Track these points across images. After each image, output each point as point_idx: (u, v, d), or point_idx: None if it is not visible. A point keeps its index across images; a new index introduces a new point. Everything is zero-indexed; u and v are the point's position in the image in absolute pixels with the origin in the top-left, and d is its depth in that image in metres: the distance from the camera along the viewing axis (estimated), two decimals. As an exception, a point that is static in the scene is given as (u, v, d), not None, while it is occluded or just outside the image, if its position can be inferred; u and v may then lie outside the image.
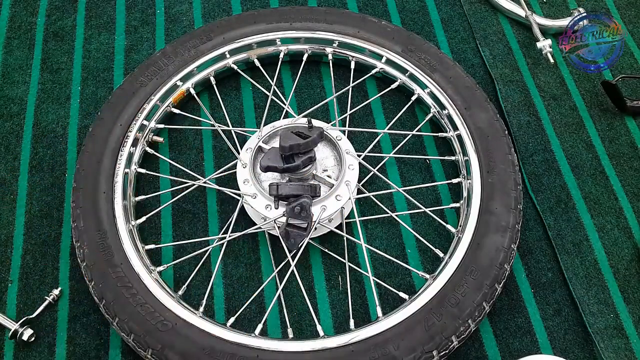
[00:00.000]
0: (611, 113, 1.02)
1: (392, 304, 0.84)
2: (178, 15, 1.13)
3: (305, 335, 0.82)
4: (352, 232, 0.89)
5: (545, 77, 1.06)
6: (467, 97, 0.94)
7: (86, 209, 0.85)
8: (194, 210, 0.93)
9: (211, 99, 1.03)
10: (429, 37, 1.09)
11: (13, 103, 1.03)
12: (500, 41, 1.09)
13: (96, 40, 1.10)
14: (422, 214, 0.91)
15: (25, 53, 1.09)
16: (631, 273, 0.88)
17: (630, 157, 0.98)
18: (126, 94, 0.94)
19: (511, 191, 0.86)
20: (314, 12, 1.03)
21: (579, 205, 0.93)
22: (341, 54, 1.02)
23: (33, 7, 1.15)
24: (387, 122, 1.00)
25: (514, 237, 0.83)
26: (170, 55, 0.98)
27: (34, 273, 0.88)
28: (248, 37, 1.00)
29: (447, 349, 0.76)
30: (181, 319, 0.77)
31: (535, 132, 1.00)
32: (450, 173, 0.95)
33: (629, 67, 1.07)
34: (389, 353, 0.74)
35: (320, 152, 0.90)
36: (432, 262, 0.88)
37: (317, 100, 1.02)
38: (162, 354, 0.75)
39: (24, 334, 0.81)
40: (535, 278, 0.87)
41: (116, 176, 0.87)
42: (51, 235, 0.91)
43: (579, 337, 0.83)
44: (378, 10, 1.13)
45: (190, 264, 0.86)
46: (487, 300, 0.79)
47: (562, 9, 1.14)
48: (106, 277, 0.80)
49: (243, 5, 1.14)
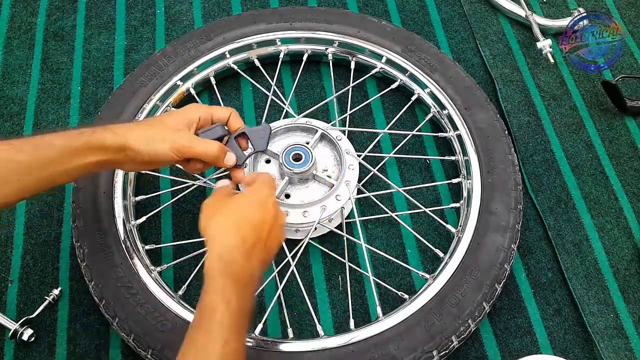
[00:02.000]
0: (611, 113, 1.02)
1: (392, 304, 0.84)
2: (178, 15, 1.13)
3: (305, 335, 0.82)
4: (352, 232, 0.89)
5: (545, 77, 1.06)
6: (467, 97, 0.94)
7: (86, 209, 0.85)
8: (194, 210, 0.93)
9: (211, 99, 1.03)
10: (429, 37, 1.09)
11: (13, 103, 1.03)
12: (500, 41, 1.09)
13: (96, 40, 1.10)
14: (422, 214, 0.91)
15: (25, 53, 1.09)
16: (631, 273, 0.88)
17: (630, 157, 0.98)
18: (126, 94, 0.94)
19: (511, 191, 0.86)
20: (314, 12, 1.03)
21: (579, 205, 0.93)
22: (341, 54, 1.02)
23: (33, 7, 1.15)
24: (387, 122, 1.00)
25: (514, 237, 0.83)
26: (170, 55, 0.98)
27: (34, 273, 0.88)
28: (248, 37, 1.00)
29: (447, 349, 0.76)
30: (181, 319, 0.77)
31: (535, 132, 1.00)
32: (450, 173, 0.95)
33: (629, 67, 1.07)
34: (389, 353, 0.74)
35: (320, 152, 0.90)
36: (432, 262, 0.88)
37: (317, 100, 1.02)
38: (162, 354, 0.75)
39: (24, 334, 0.81)
40: (535, 278, 0.87)
41: (116, 176, 0.87)
42: (51, 235, 0.91)
43: (579, 337, 0.83)
44: (378, 10, 1.13)
45: (190, 264, 0.86)
46: (487, 300, 0.79)
47: (562, 9, 1.14)
48: (106, 277, 0.80)
49: (243, 5, 1.14)
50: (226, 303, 0.59)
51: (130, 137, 0.67)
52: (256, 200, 0.67)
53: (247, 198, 0.68)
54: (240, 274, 0.62)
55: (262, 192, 0.68)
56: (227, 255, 0.62)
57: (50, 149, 0.65)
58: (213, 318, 0.59)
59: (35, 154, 0.64)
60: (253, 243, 0.63)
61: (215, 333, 0.58)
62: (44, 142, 0.65)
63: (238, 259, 0.62)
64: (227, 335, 0.58)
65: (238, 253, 0.62)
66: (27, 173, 0.63)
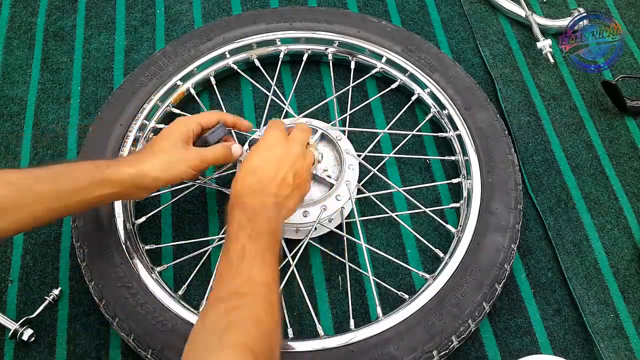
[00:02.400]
0: (611, 113, 1.02)
1: (392, 304, 0.84)
2: (178, 15, 1.13)
3: (305, 335, 0.82)
4: (352, 232, 0.89)
5: (545, 77, 1.06)
6: (467, 97, 0.94)
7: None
8: (194, 210, 0.93)
9: (211, 99, 1.03)
10: (429, 37, 1.09)
11: (13, 103, 1.03)
12: (500, 41, 1.09)
13: (96, 40, 1.10)
14: (422, 214, 0.91)
15: (25, 53, 1.09)
16: (631, 273, 0.88)
17: (630, 157, 0.98)
18: (126, 94, 0.94)
19: (511, 191, 0.86)
20: (314, 12, 1.03)
21: (579, 205, 0.93)
22: (341, 54, 1.02)
23: (33, 7, 1.15)
24: (387, 122, 1.00)
25: (514, 237, 0.83)
26: (170, 55, 0.98)
27: (34, 273, 0.88)
28: (248, 37, 1.00)
29: (447, 349, 0.76)
30: (181, 319, 0.77)
31: (535, 132, 1.00)
32: (450, 173, 0.95)
33: (629, 67, 1.07)
34: (389, 353, 0.74)
35: (320, 152, 0.90)
36: (432, 262, 0.88)
37: (317, 100, 1.02)
38: (162, 354, 0.75)
39: (24, 334, 0.81)
40: (535, 278, 0.87)
41: (116, 176, 0.87)
42: (51, 235, 0.91)
43: (579, 337, 0.83)
44: (378, 10, 1.13)
45: (190, 264, 0.86)
46: (487, 300, 0.79)
47: (562, 9, 1.14)
48: (106, 277, 0.80)
49: (243, 5, 1.14)
50: (248, 221, 0.65)
51: (146, 168, 0.70)
52: (274, 141, 0.73)
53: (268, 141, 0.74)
54: (251, 199, 0.68)
55: (277, 135, 0.74)
56: (240, 191, 0.68)
57: (70, 181, 0.66)
58: (240, 233, 0.65)
59: (53, 184, 0.65)
60: (270, 178, 0.69)
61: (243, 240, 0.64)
62: (63, 173, 0.66)
63: (250, 195, 0.68)
64: (260, 241, 0.65)
65: (249, 191, 0.68)
66: (41, 202, 0.64)
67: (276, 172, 0.70)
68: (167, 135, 0.74)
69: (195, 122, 0.77)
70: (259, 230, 0.65)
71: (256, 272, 0.62)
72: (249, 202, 0.67)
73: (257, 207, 0.67)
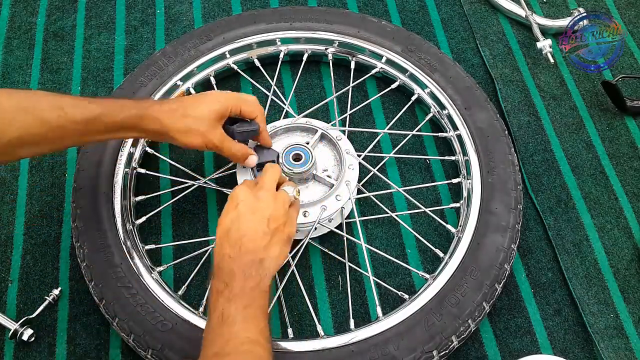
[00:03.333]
0: (611, 113, 1.02)
1: (392, 304, 0.84)
2: (178, 15, 1.13)
3: (305, 335, 0.82)
4: (352, 232, 0.89)
5: (545, 77, 1.06)
6: (467, 97, 0.94)
7: (86, 209, 0.85)
8: (194, 210, 0.93)
9: (211, 99, 1.03)
10: (429, 37, 1.09)
11: (13, 103, 1.03)
12: (500, 41, 1.09)
13: (96, 40, 1.10)
14: (422, 214, 0.91)
15: (25, 53, 1.09)
16: (631, 273, 0.88)
17: (630, 157, 0.98)
18: (126, 94, 0.94)
19: (511, 191, 0.86)
20: (314, 12, 1.03)
21: (579, 205, 0.93)
22: (341, 54, 1.02)
23: (33, 7, 1.15)
24: (387, 122, 1.00)
25: (514, 237, 0.83)
26: (170, 55, 0.98)
27: (34, 273, 0.88)
28: (248, 37, 1.00)
29: (447, 348, 0.76)
30: (181, 318, 0.77)
31: (535, 132, 1.00)
32: (450, 173, 0.95)
33: (629, 67, 1.07)
34: (389, 353, 0.74)
35: (320, 152, 0.90)
36: (432, 262, 0.88)
37: (317, 100, 1.02)
38: (162, 354, 0.75)
39: (24, 334, 0.81)
40: (535, 278, 0.87)
41: (116, 176, 0.87)
42: (51, 235, 0.91)
43: (579, 337, 0.83)
44: (378, 10, 1.13)
45: (190, 264, 0.86)
46: (487, 300, 0.79)
47: (562, 9, 1.14)
48: (106, 277, 0.80)
49: (243, 5, 1.14)
50: (225, 285, 0.64)
51: (171, 128, 0.73)
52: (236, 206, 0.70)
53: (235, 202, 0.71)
54: (228, 264, 0.66)
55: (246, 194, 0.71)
56: (219, 261, 0.67)
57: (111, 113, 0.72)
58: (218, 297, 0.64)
59: (100, 113, 0.70)
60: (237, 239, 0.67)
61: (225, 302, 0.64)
62: (112, 106, 0.72)
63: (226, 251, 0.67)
64: (244, 301, 0.64)
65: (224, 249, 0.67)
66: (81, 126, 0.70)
67: (247, 228, 0.67)
68: (207, 101, 0.76)
69: (238, 108, 0.77)
70: (238, 290, 0.63)
71: (238, 331, 0.61)
72: (225, 268, 0.65)
73: (234, 269, 0.65)
